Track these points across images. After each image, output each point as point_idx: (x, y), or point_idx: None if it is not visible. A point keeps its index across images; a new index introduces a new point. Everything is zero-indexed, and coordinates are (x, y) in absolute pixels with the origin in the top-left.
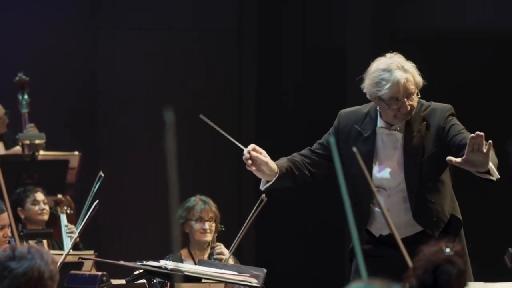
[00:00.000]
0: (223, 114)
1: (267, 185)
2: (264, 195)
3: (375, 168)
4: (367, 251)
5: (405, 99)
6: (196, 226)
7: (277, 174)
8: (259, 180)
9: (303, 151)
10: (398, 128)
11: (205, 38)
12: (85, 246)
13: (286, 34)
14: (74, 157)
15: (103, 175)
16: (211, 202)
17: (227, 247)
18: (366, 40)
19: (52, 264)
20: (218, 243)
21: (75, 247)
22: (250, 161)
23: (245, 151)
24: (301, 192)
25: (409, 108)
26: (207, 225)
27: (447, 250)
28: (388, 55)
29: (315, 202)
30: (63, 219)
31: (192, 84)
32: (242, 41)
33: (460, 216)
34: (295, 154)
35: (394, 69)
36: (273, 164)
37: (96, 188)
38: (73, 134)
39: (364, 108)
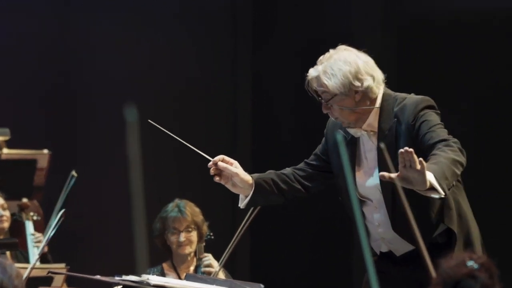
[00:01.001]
0: (216, 112)
1: (246, 200)
2: None
3: (358, 175)
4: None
5: (323, 101)
6: (172, 238)
7: (253, 188)
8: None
9: (299, 165)
10: (364, 127)
11: (194, 23)
12: (54, 258)
13: (285, 21)
14: (43, 156)
15: (76, 174)
16: (188, 208)
17: (218, 257)
18: (374, 25)
19: (17, 279)
20: (206, 254)
21: (43, 259)
22: (213, 172)
23: (210, 162)
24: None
25: (326, 111)
26: (182, 236)
27: (470, 262)
28: (341, 47)
29: (317, 208)
30: (29, 226)
31: (180, 75)
32: (237, 27)
33: (457, 228)
34: (287, 168)
35: (317, 63)
36: (246, 176)
37: (68, 190)
38: (41, 129)
39: None
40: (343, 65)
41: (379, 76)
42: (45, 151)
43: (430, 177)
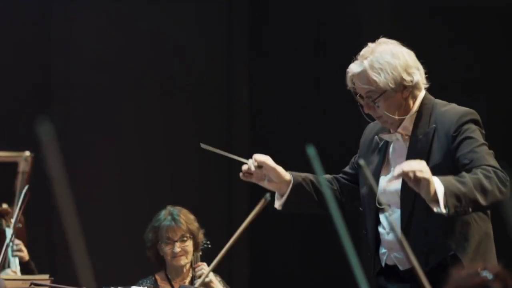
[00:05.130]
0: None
1: (283, 199)
2: (268, 194)
3: (382, 180)
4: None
5: (366, 99)
6: (166, 249)
7: (291, 185)
8: (253, 186)
9: (337, 175)
10: (400, 130)
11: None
12: (38, 267)
13: (289, 6)
14: (24, 158)
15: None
16: (182, 216)
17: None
18: (385, 10)
19: None
20: (200, 263)
21: (26, 268)
22: (252, 169)
23: (249, 163)
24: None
25: (370, 110)
26: (177, 247)
27: (484, 273)
28: (381, 40)
29: (321, 216)
30: (9, 234)
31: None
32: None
33: (468, 261)
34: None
35: (358, 58)
36: (283, 171)
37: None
38: (21, 129)
39: None
40: (391, 59)
41: (423, 71)
42: (27, 153)
43: (439, 189)
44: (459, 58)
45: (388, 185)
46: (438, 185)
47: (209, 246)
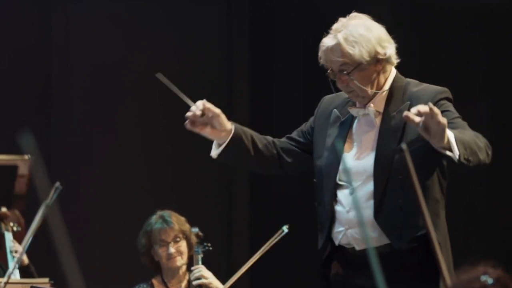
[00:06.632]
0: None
1: (220, 149)
2: (286, 226)
3: (346, 156)
4: (334, 276)
5: (339, 73)
6: (160, 252)
7: (231, 134)
8: (253, 188)
9: (281, 138)
10: (372, 105)
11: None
12: (38, 271)
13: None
14: (24, 162)
15: (60, 186)
16: (173, 218)
17: (215, 269)
18: (385, 11)
19: None
20: (197, 266)
21: (25, 271)
22: (197, 115)
23: (194, 107)
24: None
25: (343, 84)
26: (171, 248)
27: (484, 277)
28: (353, 14)
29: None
30: (8, 237)
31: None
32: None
33: (439, 236)
34: (268, 136)
35: (331, 32)
36: (226, 120)
37: (51, 203)
38: (21, 132)
39: None
40: (365, 32)
41: (394, 46)
42: (26, 156)
43: (450, 136)
44: (460, 60)
45: (356, 162)
46: (448, 132)
47: (211, 248)
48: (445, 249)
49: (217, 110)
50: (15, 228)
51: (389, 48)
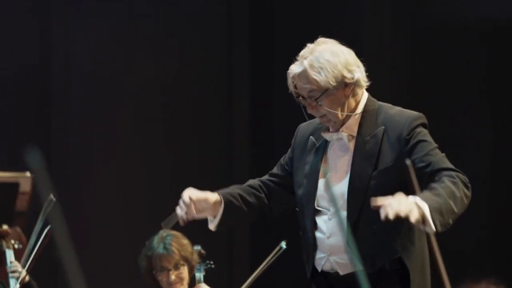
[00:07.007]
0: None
1: (216, 221)
2: (284, 242)
3: (321, 183)
4: None
5: (308, 99)
6: (161, 277)
7: (222, 206)
8: None
9: (263, 177)
10: (345, 129)
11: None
12: (40, 286)
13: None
14: (25, 179)
15: (54, 199)
16: (175, 244)
17: (216, 285)
18: (386, 26)
19: None
20: (199, 284)
21: (26, 287)
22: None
23: (180, 213)
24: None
25: (313, 110)
26: (172, 275)
27: None
28: (320, 39)
29: None
30: (9, 255)
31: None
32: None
33: (410, 265)
34: (251, 179)
35: (298, 59)
36: (210, 194)
37: (45, 215)
38: (23, 149)
39: None
40: (331, 57)
41: (363, 69)
42: (28, 173)
43: (425, 209)
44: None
45: (325, 187)
46: (422, 204)
47: (213, 266)
48: (421, 275)
49: (200, 196)
50: (16, 246)
51: (357, 72)
